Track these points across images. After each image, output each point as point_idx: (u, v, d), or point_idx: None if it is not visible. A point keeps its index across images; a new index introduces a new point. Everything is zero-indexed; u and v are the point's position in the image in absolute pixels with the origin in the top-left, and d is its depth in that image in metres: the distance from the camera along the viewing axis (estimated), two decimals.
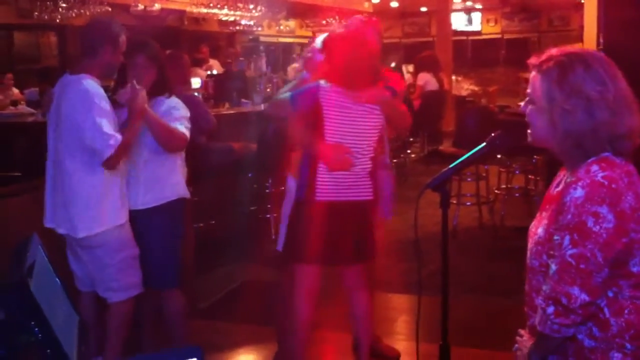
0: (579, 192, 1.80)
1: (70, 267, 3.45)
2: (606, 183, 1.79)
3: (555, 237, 1.84)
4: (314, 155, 3.27)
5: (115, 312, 3.37)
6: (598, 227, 1.77)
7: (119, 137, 3.13)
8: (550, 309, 1.83)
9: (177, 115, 3.40)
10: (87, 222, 3.23)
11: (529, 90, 1.98)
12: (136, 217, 3.39)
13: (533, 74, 1.96)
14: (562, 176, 2.03)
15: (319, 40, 3.59)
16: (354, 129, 3.26)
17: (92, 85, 3.19)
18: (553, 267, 1.84)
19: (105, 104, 3.19)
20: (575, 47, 1.97)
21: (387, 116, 3.36)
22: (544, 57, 1.94)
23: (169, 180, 3.47)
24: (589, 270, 1.79)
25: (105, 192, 3.25)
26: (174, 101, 3.47)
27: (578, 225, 1.78)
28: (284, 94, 3.48)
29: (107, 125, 3.12)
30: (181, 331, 3.55)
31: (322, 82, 3.27)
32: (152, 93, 3.38)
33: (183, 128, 3.39)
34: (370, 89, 3.26)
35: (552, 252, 1.86)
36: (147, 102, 3.25)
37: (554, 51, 1.94)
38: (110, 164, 3.16)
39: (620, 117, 1.86)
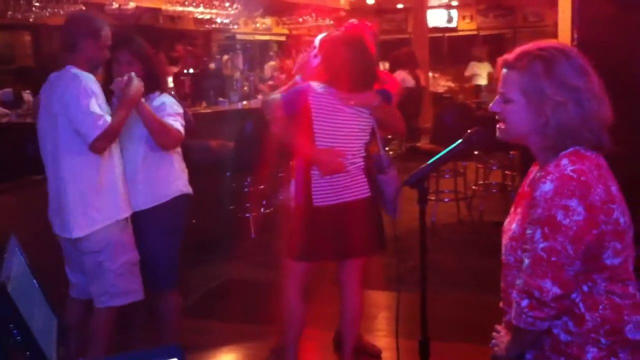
0: (547, 186, 1.82)
1: (66, 275, 3.41)
2: (575, 176, 1.81)
3: (528, 231, 1.86)
4: (306, 160, 3.28)
5: (102, 315, 3.30)
6: (568, 220, 1.79)
7: (108, 118, 3.07)
8: (525, 302, 1.85)
9: (170, 112, 3.34)
10: (81, 219, 3.15)
11: (501, 90, 1.97)
12: (136, 219, 3.33)
13: (505, 71, 1.95)
14: (534, 172, 2.05)
15: (316, 41, 3.61)
16: (343, 131, 3.26)
17: (80, 72, 3.13)
18: (526, 261, 1.86)
19: (96, 87, 3.12)
20: (543, 42, 1.98)
21: (380, 120, 3.36)
22: (517, 53, 1.94)
23: (169, 177, 3.41)
24: (560, 263, 1.81)
25: (102, 183, 3.17)
26: (167, 98, 3.41)
27: (548, 219, 1.80)
28: (275, 95, 3.49)
29: (96, 107, 3.06)
30: (174, 331, 3.53)
31: (313, 83, 3.28)
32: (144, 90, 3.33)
33: (178, 124, 3.33)
34: (363, 92, 3.27)
35: (525, 247, 1.88)
36: (143, 95, 3.19)
37: (526, 47, 1.94)
38: (96, 146, 3.07)
39: (604, 107, 1.89)
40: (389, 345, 3.85)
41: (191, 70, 8.52)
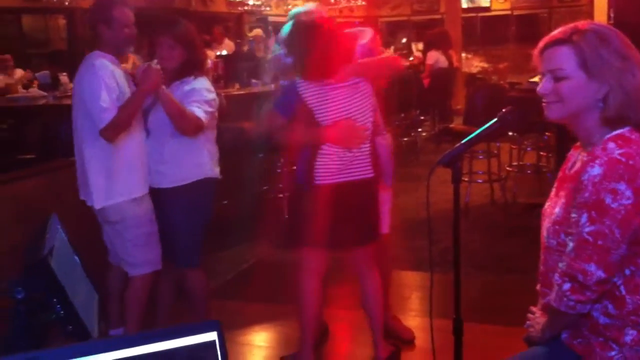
0: (596, 170, 1.80)
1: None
2: (624, 160, 1.80)
3: (573, 215, 1.84)
4: (322, 142, 3.20)
5: (132, 285, 3.49)
6: (616, 204, 1.78)
7: (113, 111, 3.17)
8: (567, 286, 1.85)
9: (196, 98, 3.35)
10: (101, 193, 3.33)
11: (551, 67, 1.93)
12: (161, 196, 3.44)
13: (552, 50, 1.92)
14: (577, 155, 2.03)
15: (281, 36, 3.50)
16: (346, 110, 3.19)
17: (99, 61, 3.26)
18: (570, 244, 1.85)
19: (109, 79, 3.22)
20: (580, 22, 1.96)
21: (374, 76, 3.32)
22: (564, 30, 1.92)
23: (195, 160, 3.44)
24: (606, 247, 1.80)
25: (117, 165, 3.32)
26: (199, 83, 3.40)
27: (596, 202, 1.79)
28: (266, 107, 3.45)
29: (106, 98, 3.18)
30: (203, 309, 3.61)
31: (296, 78, 3.25)
32: (180, 74, 3.40)
33: (200, 112, 3.32)
34: (340, 70, 3.19)
35: (570, 231, 1.87)
36: (162, 82, 3.25)
37: (566, 27, 1.92)
38: (104, 136, 3.21)
39: None
40: (422, 325, 3.86)
41: (224, 52, 8.55)
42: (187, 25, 3.49)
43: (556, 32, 1.94)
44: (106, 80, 3.21)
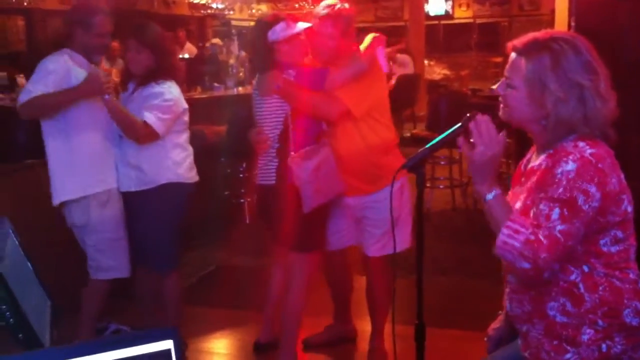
0: (570, 166, 1.80)
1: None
2: (594, 161, 1.81)
3: (542, 207, 1.82)
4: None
5: (91, 286, 3.52)
6: (587, 205, 1.79)
7: (36, 94, 3.19)
8: (525, 265, 1.78)
9: (152, 104, 3.31)
10: (58, 189, 3.37)
11: (507, 74, 1.96)
12: (131, 199, 3.45)
13: (514, 56, 1.94)
14: (532, 153, 2.05)
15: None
16: (261, 117, 3.38)
17: (54, 57, 3.30)
18: (541, 237, 1.78)
19: (51, 74, 3.24)
20: (556, 31, 1.98)
21: (296, 107, 3.24)
22: (527, 40, 1.92)
23: (158, 165, 3.41)
24: (570, 246, 1.81)
25: (76, 160, 3.34)
26: (160, 89, 3.34)
27: (570, 201, 1.79)
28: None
29: (34, 82, 3.24)
30: (176, 312, 3.62)
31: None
32: (145, 79, 3.36)
33: (153, 119, 3.28)
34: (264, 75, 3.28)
35: (536, 222, 1.82)
36: (108, 91, 3.23)
37: (537, 35, 1.92)
38: (19, 110, 3.25)
39: (609, 105, 1.88)
40: (385, 330, 3.85)
41: (186, 55, 8.48)
42: (156, 29, 3.46)
43: (522, 40, 1.94)
44: (45, 72, 3.24)
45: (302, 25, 3.25)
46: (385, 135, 3.30)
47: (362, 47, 3.28)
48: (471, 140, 1.90)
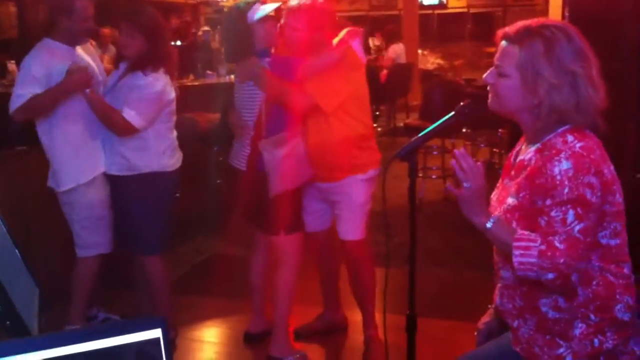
0: (565, 165, 1.78)
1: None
2: (585, 154, 1.79)
3: (554, 214, 1.79)
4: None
5: (78, 265, 3.57)
6: (595, 197, 1.78)
7: (27, 98, 3.21)
8: (550, 276, 1.78)
9: (133, 97, 3.30)
10: (55, 179, 3.45)
11: (498, 62, 1.94)
12: (115, 182, 3.49)
13: (504, 44, 1.92)
14: (521, 145, 2.03)
15: None
16: (241, 101, 3.40)
17: (34, 53, 3.32)
18: (557, 243, 1.77)
19: (34, 68, 3.26)
20: (547, 19, 1.96)
21: (270, 96, 3.26)
22: (519, 28, 1.90)
23: (143, 154, 3.42)
24: (590, 241, 1.81)
25: (64, 154, 3.40)
26: (144, 80, 3.30)
27: (579, 198, 1.77)
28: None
29: (23, 84, 3.25)
30: (163, 297, 3.61)
31: None
32: (134, 66, 3.32)
33: (132, 114, 3.28)
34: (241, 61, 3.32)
35: (553, 230, 1.80)
36: (89, 85, 3.25)
37: (528, 23, 1.90)
38: (15, 117, 3.27)
39: (600, 93, 1.87)
40: (378, 320, 3.85)
41: (178, 42, 8.42)
42: (153, 14, 3.41)
43: (513, 27, 1.92)
44: (30, 69, 3.26)
45: (272, 6, 3.30)
46: (358, 131, 3.30)
47: (335, 40, 3.28)
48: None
